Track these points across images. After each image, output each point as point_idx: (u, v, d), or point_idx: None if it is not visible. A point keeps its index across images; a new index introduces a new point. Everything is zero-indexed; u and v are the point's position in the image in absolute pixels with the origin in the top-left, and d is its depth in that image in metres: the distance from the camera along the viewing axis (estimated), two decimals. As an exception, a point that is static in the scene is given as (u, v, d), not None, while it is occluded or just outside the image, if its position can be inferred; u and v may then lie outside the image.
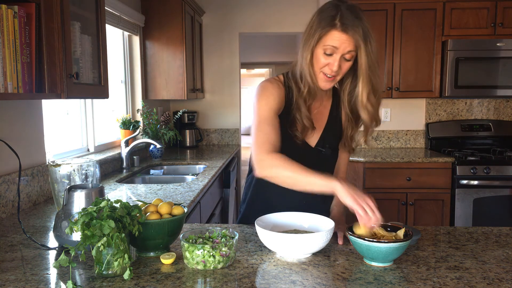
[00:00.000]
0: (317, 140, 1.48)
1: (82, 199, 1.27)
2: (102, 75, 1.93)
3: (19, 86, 1.40)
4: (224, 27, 4.26)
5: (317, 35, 1.30)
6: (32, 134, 1.96)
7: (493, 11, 3.52)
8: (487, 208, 3.34)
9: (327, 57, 1.31)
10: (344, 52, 1.29)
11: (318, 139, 1.48)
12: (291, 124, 1.41)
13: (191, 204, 2.01)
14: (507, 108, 3.99)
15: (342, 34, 1.26)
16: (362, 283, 1.04)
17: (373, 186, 3.42)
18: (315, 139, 1.48)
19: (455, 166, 3.34)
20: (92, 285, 1.03)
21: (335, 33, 1.27)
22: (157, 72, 3.55)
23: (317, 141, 1.48)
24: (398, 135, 4.05)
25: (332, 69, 1.31)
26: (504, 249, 1.27)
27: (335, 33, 1.27)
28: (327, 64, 1.32)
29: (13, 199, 1.77)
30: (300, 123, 1.40)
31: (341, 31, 1.26)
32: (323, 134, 1.48)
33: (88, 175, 1.56)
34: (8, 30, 1.35)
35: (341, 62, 1.31)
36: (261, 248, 1.27)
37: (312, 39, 1.31)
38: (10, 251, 1.29)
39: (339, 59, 1.30)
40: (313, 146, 1.48)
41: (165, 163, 3.24)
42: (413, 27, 3.58)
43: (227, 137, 4.38)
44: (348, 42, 1.27)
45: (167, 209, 1.23)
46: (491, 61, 3.50)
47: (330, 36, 1.28)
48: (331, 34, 1.28)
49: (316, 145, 1.48)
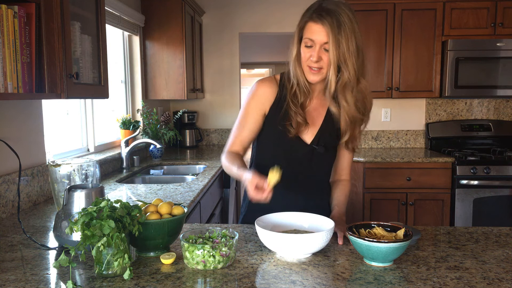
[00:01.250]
0: (313, 138, 1.49)
1: (82, 199, 1.27)
2: (102, 75, 1.93)
3: (19, 86, 1.40)
4: (224, 27, 4.26)
5: (298, 29, 1.39)
6: (32, 134, 1.96)
7: (493, 11, 3.52)
8: (487, 208, 3.34)
9: (308, 50, 1.37)
10: (322, 43, 1.34)
11: (313, 137, 1.49)
12: (286, 119, 1.45)
13: (191, 204, 2.01)
14: (507, 108, 3.99)
15: (316, 24, 1.33)
16: (362, 283, 1.04)
17: (373, 186, 3.42)
18: (310, 136, 1.49)
19: (455, 166, 3.34)
20: (92, 285, 1.03)
21: (311, 25, 1.34)
22: (157, 72, 3.55)
23: (313, 139, 1.49)
24: (398, 135, 4.05)
25: (313, 60, 1.36)
26: (504, 249, 1.27)
27: (311, 24, 1.34)
28: (309, 56, 1.37)
29: (13, 199, 1.77)
30: (293, 119, 1.44)
31: (315, 22, 1.33)
32: (319, 132, 1.49)
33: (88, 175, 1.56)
34: (8, 30, 1.35)
35: (320, 53, 1.35)
36: (261, 248, 1.27)
37: (296, 34, 1.40)
38: (10, 251, 1.29)
39: (317, 50, 1.35)
40: (308, 143, 1.49)
41: (165, 163, 3.24)
42: (413, 27, 3.59)
43: (227, 137, 4.37)
44: (321, 32, 1.32)
45: (167, 209, 1.23)
46: (491, 61, 3.50)
47: (308, 29, 1.35)
48: (308, 26, 1.35)
49: (312, 143, 1.49)
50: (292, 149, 1.48)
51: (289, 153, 1.49)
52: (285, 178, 1.38)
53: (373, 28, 3.61)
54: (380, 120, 4.05)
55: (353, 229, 1.20)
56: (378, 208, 3.44)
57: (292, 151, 1.49)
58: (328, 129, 1.50)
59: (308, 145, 1.49)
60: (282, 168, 1.25)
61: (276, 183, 1.22)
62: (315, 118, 1.50)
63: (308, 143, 1.49)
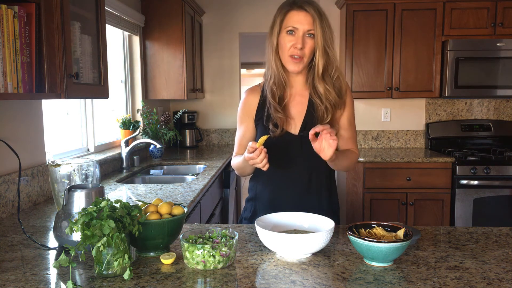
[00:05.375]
0: (300, 127, 1.55)
1: (82, 199, 1.27)
2: (102, 75, 1.93)
3: (19, 86, 1.40)
4: (224, 27, 4.26)
5: (278, 20, 1.46)
6: (32, 134, 1.96)
7: (493, 11, 3.52)
8: (487, 208, 3.34)
9: (291, 37, 1.44)
10: (305, 30, 1.43)
11: (300, 126, 1.55)
12: (269, 120, 1.54)
13: (191, 204, 2.01)
14: (507, 108, 3.99)
15: (299, 12, 1.42)
16: (362, 283, 1.04)
17: (373, 186, 3.42)
18: (297, 127, 1.55)
19: (455, 166, 3.34)
20: (92, 285, 1.03)
21: (293, 13, 1.43)
22: (157, 72, 3.55)
23: (300, 128, 1.55)
24: (398, 135, 4.05)
25: (297, 47, 1.43)
26: (504, 249, 1.27)
27: (293, 12, 1.44)
28: (292, 44, 1.44)
29: (13, 199, 1.77)
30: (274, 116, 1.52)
31: (298, 10, 1.43)
32: (304, 122, 1.55)
33: (88, 175, 1.56)
34: (8, 30, 1.35)
35: (304, 39, 1.44)
36: (261, 248, 1.27)
37: (275, 26, 1.47)
38: (10, 251, 1.29)
39: (301, 36, 1.43)
40: (296, 134, 1.54)
41: (165, 163, 3.24)
42: (413, 27, 3.58)
43: (227, 137, 4.38)
44: (306, 18, 1.42)
45: (167, 209, 1.23)
46: (491, 61, 3.50)
47: (290, 17, 1.44)
48: (290, 15, 1.44)
49: (299, 132, 1.55)
50: (283, 144, 1.54)
51: (282, 148, 1.54)
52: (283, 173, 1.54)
53: (373, 28, 3.61)
54: (380, 120, 4.05)
55: (353, 229, 1.20)
56: (378, 208, 3.44)
57: (283, 146, 1.54)
58: (311, 117, 1.55)
59: (296, 135, 1.54)
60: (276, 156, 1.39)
61: (264, 141, 1.35)
62: (299, 110, 1.56)
63: (296, 134, 1.55)
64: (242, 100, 1.63)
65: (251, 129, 1.61)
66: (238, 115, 1.64)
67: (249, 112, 1.60)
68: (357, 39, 3.64)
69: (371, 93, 3.69)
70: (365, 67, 3.66)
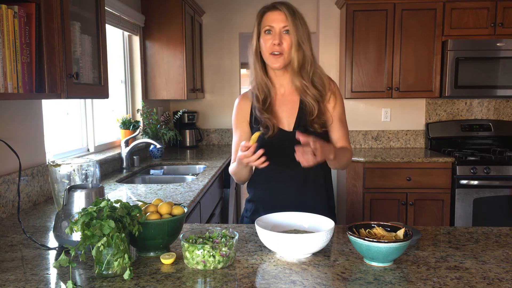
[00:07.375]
0: (293, 124, 1.57)
1: (82, 199, 1.27)
2: (102, 75, 1.93)
3: (19, 86, 1.40)
4: (224, 27, 4.26)
5: (256, 23, 1.55)
6: (32, 134, 1.96)
7: (493, 11, 3.52)
8: (487, 208, 3.34)
9: (269, 36, 1.51)
10: (280, 27, 1.50)
11: (294, 123, 1.57)
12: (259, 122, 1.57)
13: (191, 204, 2.01)
14: (507, 108, 3.99)
15: (274, 11, 1.51)
16: (362, 283, 1.04)
17: (373, 186, 3.42)
18: (291, 124, 1.58)
19: (455, 166, 3.34)
20: (92, 285, 1.03)
21: (268, 14, 1.53)
22: (157, 72, 3.55)
23: (294, 125, 1.57)
24: (398, 135, 4.05)
25: (275, 43, 1.49)
26: (504, 249, 1.27)
27: (268, 13, 1.53)
28: (271, 43, 1.50)
29: (13, 199, 1.77)
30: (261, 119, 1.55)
31: (272, 10, 1.52)
32: (298, 119, 1.57)
33: (88, 175, 1.56)
34: (8, 30, 1.35)
35: (281, 36, 1.50)
36: (261, 248, 1.27)
37: (254, 30, 1.55)
38: (10, 251, 1.29)
39: (278, 33, 1.50)
40: (291, 131, 1.56)
41: (165, 163, 3.24)
42: (413, 27, 3.59)
43: (227, 137, 4.38)
44: (280, 16, 1.50)
45: (167, 209, 1.23)
46: (491, 61, 3.50)
47: (266, 18, 1.53)
48: (266, 16, 1.53)
49: (293, 128, 1.56)
50: (278, 143, 1.55)
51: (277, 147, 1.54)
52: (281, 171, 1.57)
53: (373, 28, 3.61)
54: (380, 120, 4.05)
55: (353, 229, 1.20)
56: (378, 208, 3.44)
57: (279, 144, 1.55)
58: (304, 113, 1.57)
59: (290, 132, 1.56)
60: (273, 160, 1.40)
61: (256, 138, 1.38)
62: (290, 108, 1.59)
63: (290, 131, 1.56)
64: (235, 107, 1.68)
65: (247, 133, 1.64)
66: (233, 122, 1.68)
67: (244, 116, 1.64)
68: (357, 39, 3.64)
69: (371, 93, 3.69)
70: (365, 67, 3.66)
